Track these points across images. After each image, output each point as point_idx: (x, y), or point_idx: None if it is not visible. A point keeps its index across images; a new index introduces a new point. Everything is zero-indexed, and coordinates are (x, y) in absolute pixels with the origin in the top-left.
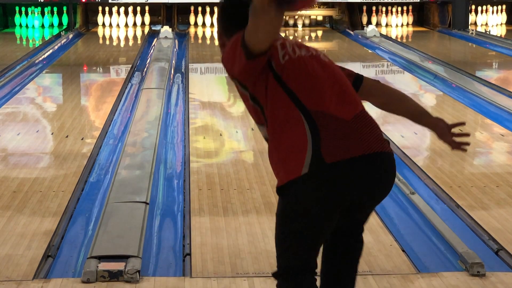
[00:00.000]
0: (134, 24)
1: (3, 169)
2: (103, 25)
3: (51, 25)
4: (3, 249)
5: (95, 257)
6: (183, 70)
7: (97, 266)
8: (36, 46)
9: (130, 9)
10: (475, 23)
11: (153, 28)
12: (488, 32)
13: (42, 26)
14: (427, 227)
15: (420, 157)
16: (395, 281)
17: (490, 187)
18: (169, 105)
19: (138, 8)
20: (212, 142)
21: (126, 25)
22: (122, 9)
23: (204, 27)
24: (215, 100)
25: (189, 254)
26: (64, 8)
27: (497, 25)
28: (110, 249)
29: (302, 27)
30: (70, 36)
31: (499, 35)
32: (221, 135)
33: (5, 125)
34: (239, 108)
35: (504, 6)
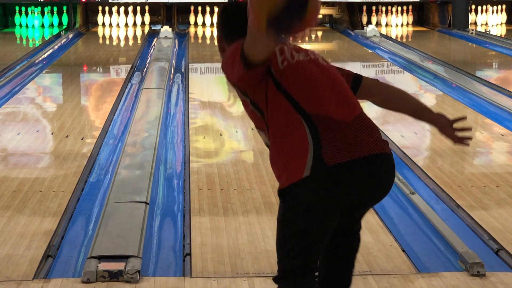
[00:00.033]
0: (134, 24)
1: (3, 169)
2: (103, 25)
3: (51, 25)
4: (3, 249)
5: (95, 257)
6: (183, 70)
7: (97, 266)
8: (36, 46)
9: (130, 9)
10: (475, 23)
11: (153, 28)
12: (488, 32)
13: (42, 26)
14: (427, 227)
15: (420, 157)
16: (395, 281)
17: (490, 187)
18: (169, 105)
19: (138, 8)
20: (212, 142)
21: (126, 25)
22: (122, 9)
23: (204, 27)
24: (215, 100)
25: (189, 254)
26: (64, 8)
27: (497, 25)
28: (110, 249)
29: None
30: (70, 36)
31: (499, 35)
32: (221, 135)
33: (5, 125)
34: (239, 108)
35: (504, 6)
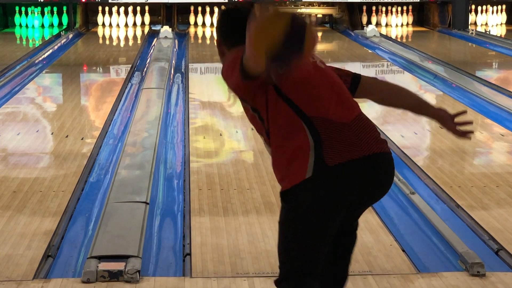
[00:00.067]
0: (134, 24)
1: (3, 169)
2: (103, 25)
3: (51, 25)
4: (3, 249)
5: (95, 257)
6: (183, 70)
7: (97, 266)
8: (36, 46)
9: (130, 9)
10: (475, 23)
11: (153, 28)
12: (488, 32)
13: (42, 26)
14: (427, 227)
15: (420, 157)
16: (395, 281)
17: (490, 187)
18: (169, 105)
19: (138, 8)
20: (212, 142)
21: (126, 25)
22: (122, 9)
23: (204, 27)
24: (215, 100)
25: (189, 254)
26: (64, 8)
27: (497, 25)
28: (110, 249)
29: None
30: (70, 36)
31: (499, 35)
32: (221, 135)
33: (5, 125)
34: (239, 108)
35: (504, 6)
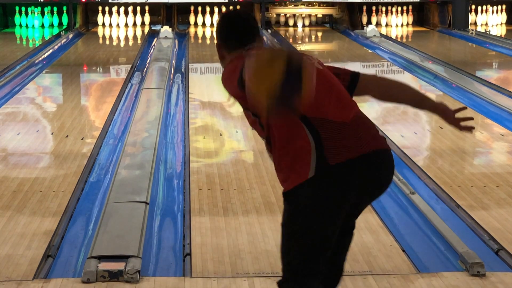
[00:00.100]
0: (134, 24)
1: (3, 169)
2: (103, 25)
3: (51, 25)
4: (3, 249)
5: (95, 257)
6: (183, 70)
7: (97, 266)
8: (36, 46)
9: (130, 9)
10: (475, 23)
11: (153, 28)
12: (488, 32)
13: (42, 26)
14: (427, 227)
15: (420, 157)
16: (395, 281)
17: (490, 187)
18: (169, 105)
19: (138, 8)
20: (212, 142)
21: (126, 25)
22: (122, 9)
23: (204, 27)
24: (215, 100)
25: (189, 254)
26: (64, 8)
27: (497, 25)
28: (110, 249)
29: (302, 27)
30: (70, 36)
31: (499, 35)
32: (221, 135)
33: (5, 125)
34: (239, 108)
35: (504, 6)
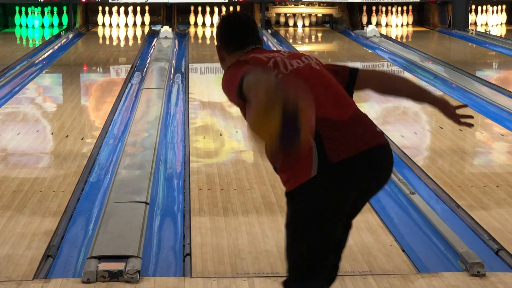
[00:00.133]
0: (134, 24)
1: (3, 169)
2: (103, 25)
3: (51, 25)
4: (3, 249)
5: (95, 257)
6: (183, 70)
7: (97, 266)
8: (36, 46)
9: (130, 9)
10: (475, 23)
11: (153, 28)
12: (488, 32)
13: (42, 26)
14: (427, 227)
15: (420, 157)
16: (395, 281)
17: (490, 187)
18: (169, 105)
19: (138, 8)
20: (212, 142)
21: (126, 25)
22: (122, 9)
23: (204, 27)
24: (215, 100)
25: (189, 254)
26: (64, 8)
27: (497, 25)
28: (110, 249)
29: (302, 27)
30: (70, 36)
31: (499, 35)
32: (221, 135)
33: (5, 125)
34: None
35: (504, 6)
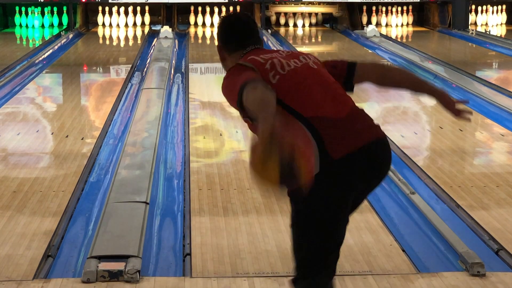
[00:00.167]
0: (134, 24)
1: (3, 169)
2: (103, 25)
3: (51, 25)
4: (3, 249)
5: (95, 257)
6: (183, 70)
7: (97, 266)
8: (36, 46)
9: (130, 9)
10: (475, 23)
11: (153, 28)
12: (488, 32)
13: (42, 26)
14: (427, 227)
15: (420, 157)
16: (395, 281)
17: (490, 187)
18: (169, 105)
19: (138, 8)
20: (212, 142)
21: (126, 25)
22: (122, 9)
23: (204, 27)
24: (215, 100)
25: (189, 254)
26: (64, 8)
27: (497, 25)
28: (110, 249)
29: (302, 27)
30: (70, 36)
31: (499, 35)
32: (221, 135)
33: (5, 125)
34: None
35: (504, 6)
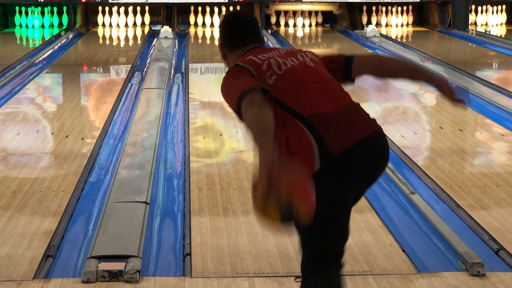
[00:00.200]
0: (134, 24)
1: (3, 169)
2: (103, 25)
3: (51, 25)
4: (3, 249)
5: (95, 257)
6: (183, 70)
7: (97, 266)
8: (36, 46)
9: (130, 9)
10: (475, 23)
11: (153, 28)
12: (488, 32)
13: (42, 26)
14: (427, 227)
15: (420, 157)
16: (395, 281)
17: (490, 187)
18: (169, 105)
19: (138, 8)
20: (212, 142)
21: (126, 25)
22: (122, 9)
23: (204, 27)
24: (215, 100)
25: (189, 254)
26: (64, 8)
27: (497, 25)
28: (110, 249)
29: (302, 27)
30: (70, 36)
31: (499, 35)
32: (221, 135)
33: (5, 125)
34: None
35: (504, 6)
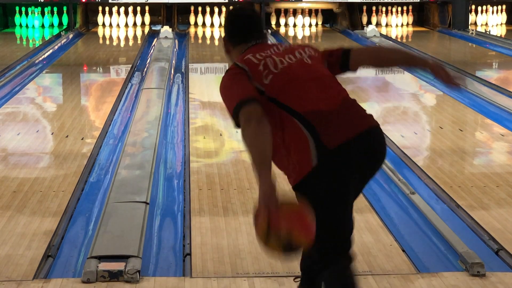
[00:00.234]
0: (134, 24)
1: (3, 169)
2: (103, 25)
3: (51, 25)
4: (3, 249)
5: (95, 257)
6: (183, 70)
7: (97, 266)
8: (36, 46)
9: (130, 9)
10: (475, 23)
11: (153, 28)
12: (488, 32)
13: (42, 26)
14: (427, 227)
15: (420, 157)
16: (395, 281)
17: (490, 187)
18: (169, 105)
19: (138, 8)
20: (212, 142)
21: (126, 25)
22: (122, 9)
23: (204, 27)
24: (215, 100)
25: (189, 254)
26: (64, 8)
27: (497, 25)
28: (110, 249)
29: (302, 27)
30: (70, 36)
31: (499, 35)
32: (221, 135)
33: (5, 125)
34: None
35: (504, 6)
